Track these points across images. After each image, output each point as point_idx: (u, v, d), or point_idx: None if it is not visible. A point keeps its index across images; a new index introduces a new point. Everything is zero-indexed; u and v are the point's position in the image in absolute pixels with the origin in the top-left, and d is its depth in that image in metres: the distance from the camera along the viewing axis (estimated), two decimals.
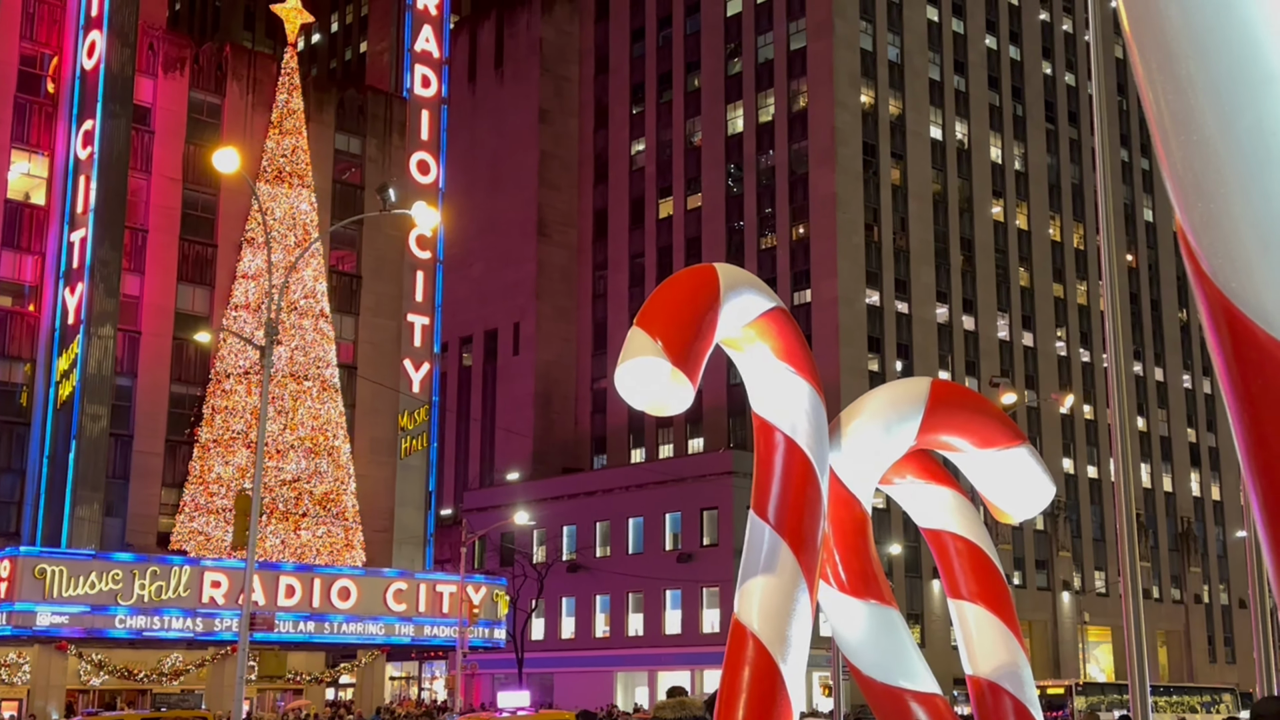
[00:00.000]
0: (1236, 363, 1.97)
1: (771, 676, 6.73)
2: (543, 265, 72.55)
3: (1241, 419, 2.03)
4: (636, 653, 57.60)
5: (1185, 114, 1.86)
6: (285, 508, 40.25)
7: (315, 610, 38.50)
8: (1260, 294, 1.87)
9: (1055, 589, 65.53)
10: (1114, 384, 15.77)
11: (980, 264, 67.21)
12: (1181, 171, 1.92)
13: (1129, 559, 16.75)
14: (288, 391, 41.04)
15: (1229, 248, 1.88)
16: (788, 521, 7.16)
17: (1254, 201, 1.82)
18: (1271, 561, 2.11)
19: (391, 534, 46.12)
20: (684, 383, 6.62)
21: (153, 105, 43.77)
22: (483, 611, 42.53)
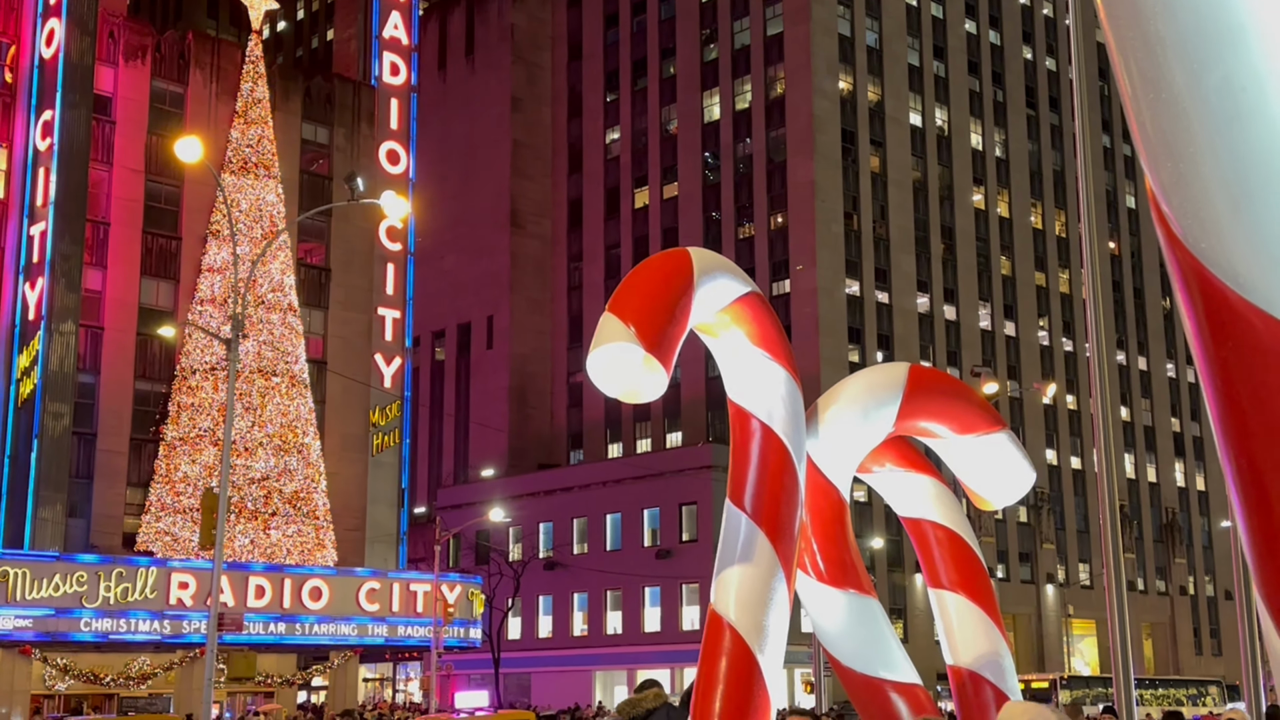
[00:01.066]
0: (1208, 325, 1.99)
1: (749, 667, 6.76)
2: (516, 257, 72.43)
3: (1213, 382, 2.05)
4: (615, 651, 57.64)
5: (1154, 72, 1.87)
6: (254, 507, 40.09)
7: (286, 611, 38.37)
8: (1230, 255, 1.89)
9: (1039, 582, 65.90)
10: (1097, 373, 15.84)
11: (961, 252, 67.45)
12: (1151, 131, 1.93)
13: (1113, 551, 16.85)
14: (255, 388, 40.85)
15: (1198, 208, 1.89)
16: (765, 510, 7.19)
17: (1222, 160, 1.83)
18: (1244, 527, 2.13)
19: (364, 532, 46.00)
20: (657, 370, 6.63)
21: (114, 95, 43.45)
22: (458, 611, 42.46)
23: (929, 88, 68.16)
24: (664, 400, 65.22)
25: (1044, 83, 74.27)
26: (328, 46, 74.14)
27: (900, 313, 63.84)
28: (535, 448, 70.37)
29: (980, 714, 7.81)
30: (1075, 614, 67.24)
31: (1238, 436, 2.04)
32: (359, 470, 46.32)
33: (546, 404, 72.08)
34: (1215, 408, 2.10)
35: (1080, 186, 15.96)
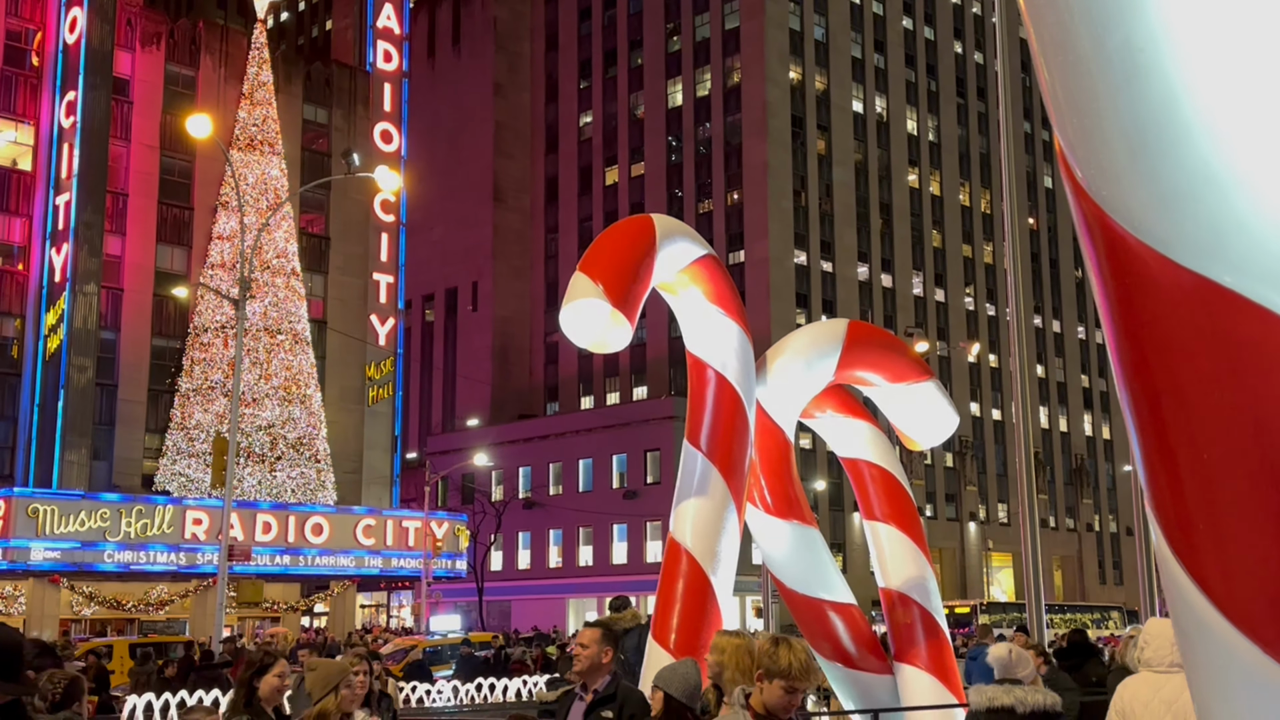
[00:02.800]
0: (1108, 265, 1.99)
1: (703, 588, 6.81)
2: (498, 228, 72.03)
3: (1112, 318, 2.05)
4: (586, 581, 57.90)
5: (1062, 36, 1.86)
6: (261, 451, 39.89)
7: (290, 545, 38.28)
8: (1128, 199, 1.88)
9: (963, 519, 66.58)
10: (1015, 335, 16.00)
11: (897, 227, 67.55)
12: (1058, 90, 1.92)
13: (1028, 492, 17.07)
14: (262, 344, 40.55)
15: (1100, 158, 1.88)
16: (718, 449, 7.22)
17: (1122, 114, 1.83)
18: (1139, 451, 2.12)
19: (360, 475, 45.90)
20: (623, 323, 6.62)
21: (131, 77, 42.79)
22: (445, 545, 42.49)
23: (870, 78, 68.00)
24: (631, 357, 65.23)
25: (972, 74, 74.24)
26: (326, 35, 73.15)
27: (842, 280, 63.96)
28: (515, 400, 70.30)
29: (908, 630, 7.91)
30: (994, 548, 68.04)
31: (1133, 366, 2.04)
32: (356, 419, 46.15)
33: (525, 361, 71.94)
34: (1114, 341, 2.10)
35: (1003, 168, 16.06)
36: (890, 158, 67.99)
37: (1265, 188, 1.80)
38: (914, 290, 67.76)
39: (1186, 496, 1.96)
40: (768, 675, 3.88)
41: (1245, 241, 1.80)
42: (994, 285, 71.70)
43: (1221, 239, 1.81)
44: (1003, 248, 68.70)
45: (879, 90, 68.37)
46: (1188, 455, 1.94)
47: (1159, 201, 1.84)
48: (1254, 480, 1.88)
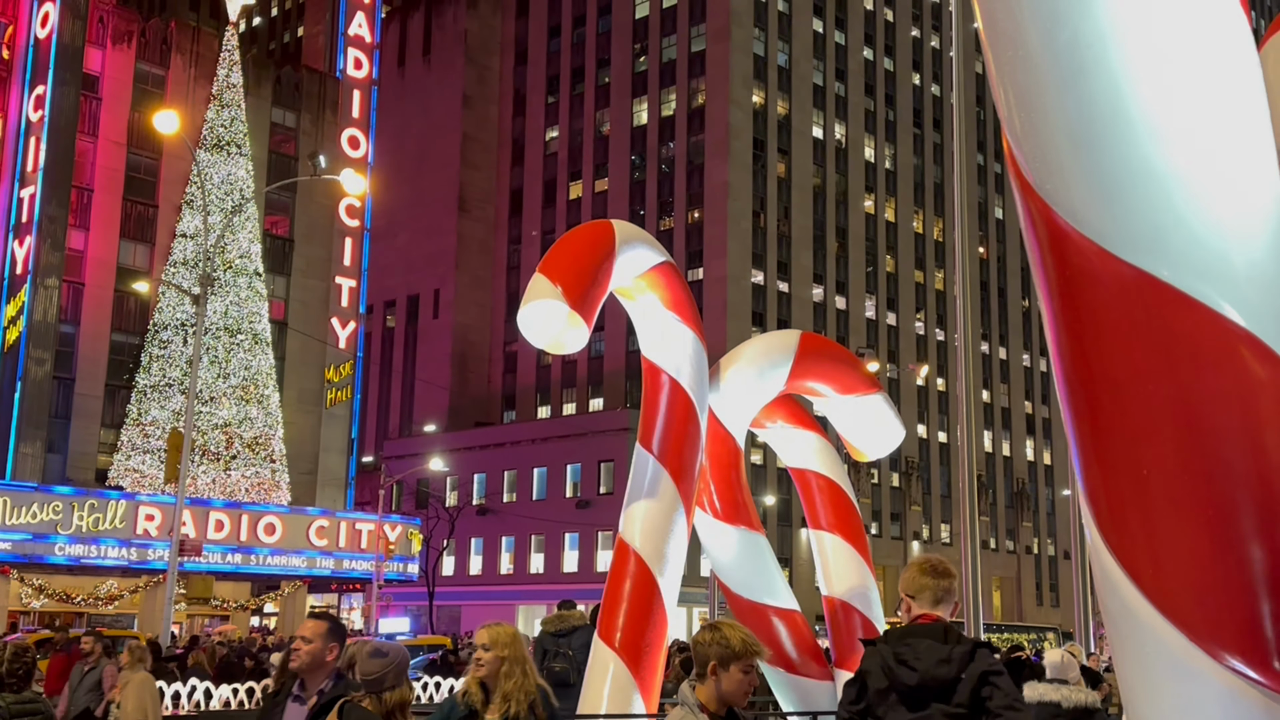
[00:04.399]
0: (1051, 259, 2.01)
1: (650, 588, 6.79)
2: (462, 238, 71.79)
3: (1052, 311, 2.07)
4: (537, 588, 57.64)
5: (1013, 31, 1.88)
6: (216, 450, 39.41)
7: (242, 544, 37.81)
8: (1071, 194, 1.91)
9: (906, 538, 67.00)
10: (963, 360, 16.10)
11: (852, 250, 68.05)
12: (1008, 85, 1.94)
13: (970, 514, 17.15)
14: (221, 343, 40.09)
15: (1045, 152, 1.91)
16: (669, 453, 7.21)
17: (1068, 109, 1.85)
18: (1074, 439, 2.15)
19: (316, 477, 45.48)
20: (580, 325, 6.61)
21: (101, 74, 42.30)
22: (398, 548, 42.16)
23: (830, 105, 68.55)
24: (588, 368, 65.18)
25: (929, 106, 75.04)
26: (298, 41, 72.71)
27: (798, 301, 64.32)
28: (473, 407, 69.98)
29: (849, 637, 7.93)
30: None
31: (1071, 358, 2.06)
32: (313, 421, 45.73)
33: (484, 369, 71.67)
34: (1053, 334, 2.12)
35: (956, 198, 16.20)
36: (848, 183, 68.53)
37: (1204, 185, 1.83)
38: (867, 313, 68.25)
39: (1119, 488, 1.98)
40: (722, 663, 3.84)
41: (1183, 237, 1.83)
42: (944, 311, 72.37)
43: (1160, 234, 1.83)
44: (953, 275, 69.41)
45: (839, 117, 68.94)
46: (1121, 447, 1.96)
47: (1101, 196, 1.86)
48: (1185, 472, 1.90)
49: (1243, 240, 1.85)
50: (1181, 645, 1.93)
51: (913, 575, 4.41)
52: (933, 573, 4.40)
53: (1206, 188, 1.84)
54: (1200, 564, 1.93)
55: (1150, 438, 1.96)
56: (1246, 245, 1.85)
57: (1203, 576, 1.92)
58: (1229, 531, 1.88)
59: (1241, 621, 1.88)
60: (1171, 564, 1.96)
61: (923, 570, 4.41)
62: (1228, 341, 1.84)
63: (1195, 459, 1.92)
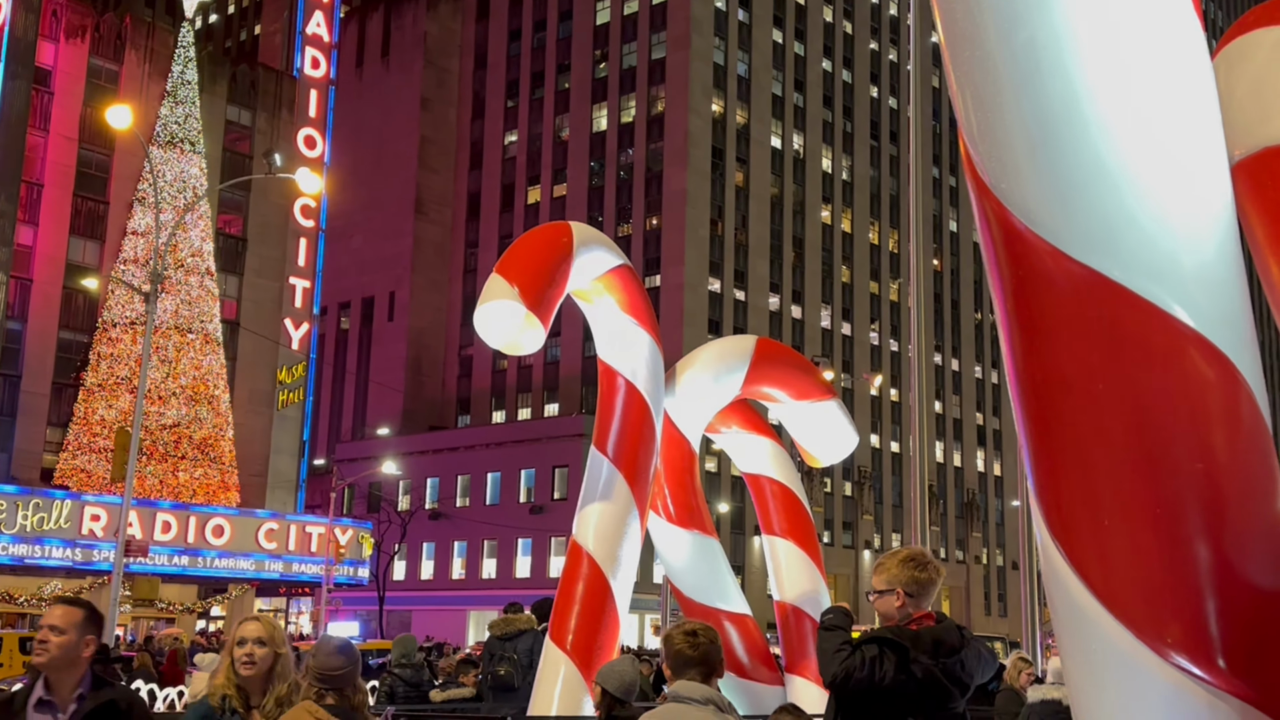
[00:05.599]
0: (1005, 258, 2.03)
1: (602, 590, 6.78)
2: (419, 240, 71.42)
3: (1005, 310, 2.09)
4: (489, 594, 57.35)
5: (972, 32, 1.90)
6: (165, 450, 38.88)
7: (190, 545, 37.32)
8: (1025, 194, 1.93)
9: (858, 547, 67.43)
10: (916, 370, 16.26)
11: (809, 260, 68.46)
12: (966, 86, 1.96)
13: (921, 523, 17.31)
14: (172, 342, 39.59)
15: (1001, 151, 1.93)
16: (624, 456, 7.21)
17: (1024, 109, 1.87)
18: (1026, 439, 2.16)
19: (266, 479, 44.99)
20: (536, 326, 6.59)
21: (53, 68, 41.67)
22: (348, 552, 41.79)
23: (789, 115, 68.97)
24: (544, 374, 65.03)
25: (886, 119, 75.71)
26: (255, 39, 72.04)
27: (754, 309, 64.59)
28: (427, 411, 69.59)
29: (800, 642, 7.96)
30: None
31: (1023, 357, 2.08)
32: (264, 422, 45.25)
33: (439, 373, 71.30)
34: (1006, 333, 2.14)
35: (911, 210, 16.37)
36: (805, 193, 68.95)
37: (1156, 187, 1.86)
38: (822, 322, 68.67)
39: (1068, 486, 2.00)
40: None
41: (1135, 237, 1.86)
42: (898, 322, 72.98)
43: (1113, 234, 1.86)
44: (907, 286, 70.01)
45: (797, 128, 69.37)
46: (1070, 445, 1.98)
47: (1055, 196, 1.89)
48: (1133, 471, 1.93)
49: (1193, 242, 1.88)
50: (1128, 642, 1.95)
51: (912, 574, 4.25)
52: (936, 572, 4.33)
53: (1159, 190, 1.87)
54: (1147, 562, 1.95)
55: (1099, 436, 1.98)
56: (1196, 247, 1.88)
57: (1149, 574, 1.95)
58: (1175, 530, 1.91)
59: (1187, 619, 1.90)
60: (1119, 561, 1.99)
61: (923, 566, 4.29)
62: (1177, 342, 1.87)
63: (1143, 457, 1.94)
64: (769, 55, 68.16)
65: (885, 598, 4.32)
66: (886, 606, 4.34)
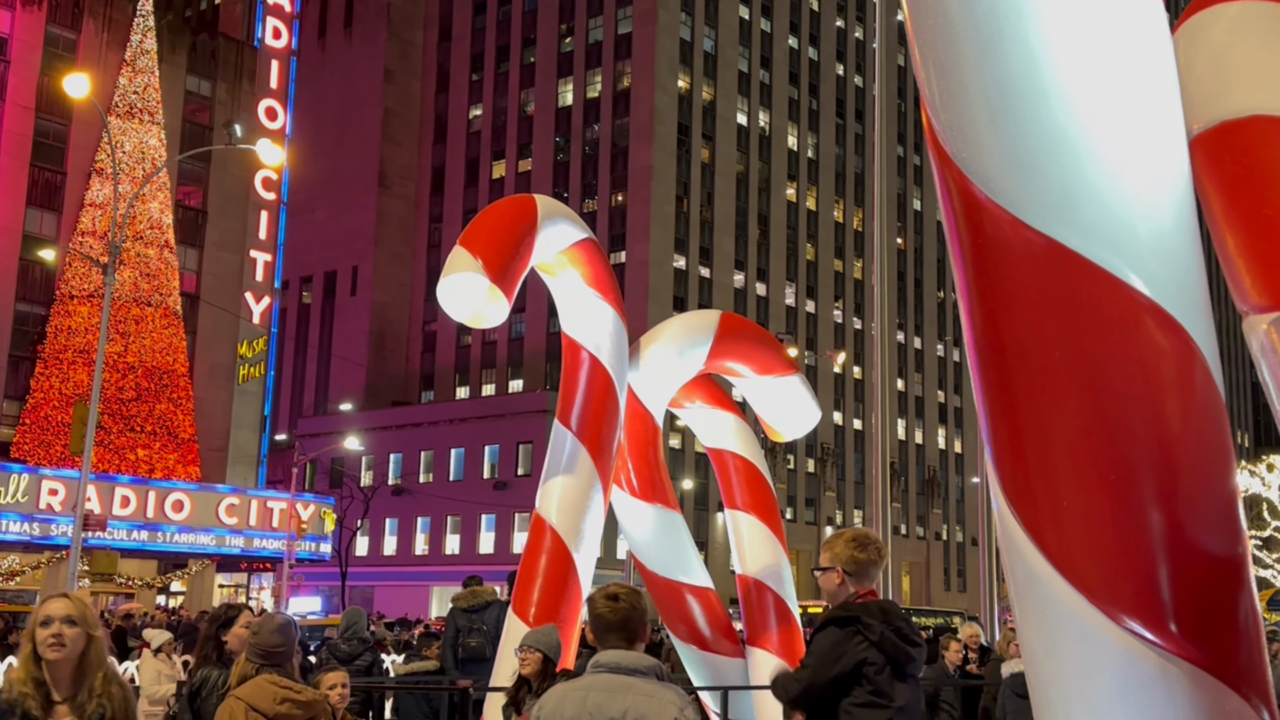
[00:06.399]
0: (965, 228, 2.04)
1: (565, 563, 6.79)
2: (382, 214, 70.89)
3: (965, 279, 2.10)
4: (452, 569, 57.29)
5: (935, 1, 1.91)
6: (124, 424, 38.50)
7: (149, 520, 37.02)
8: (986, 163, 1.94)
9: (820, 524, 67.93)
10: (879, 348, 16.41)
11: (774, 238, 68.60)
12: (928, 53, 1.97)
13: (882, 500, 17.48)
14: (131, 315, 39.13)
15: (962, 121, 1.94)
16: (588, 430, 7.20)
17: (986, 78, 1.88)
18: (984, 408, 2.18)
19: (226, 454, 44.64)
20: (500, 298, 6.55)
21: (10, 36, 40.88)
22: (310, 527, 41.60)
23: (755, 92, 68.92)
24: (508, 350, 64.88)
25: (851, 97, 75.84)
26: (215, 9, 70.96)
27: (719, 286, 64.68)
28: (390, 386, 69.27)
29: (762, 616, 8.02)
30: None
31: (982, 325, 2.10)
32: (225, 397, 44.87)
33: (403, 348, 70.95)
34: (965, 302, 2.15)
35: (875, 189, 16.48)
36: (770, 171, 69.01)
37: (1114, 157, 1.88)
38: (786, 300, 68.88)
39: (1025, 453, 2.02)
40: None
41: (1093, 206, 1.88)
42: (861, 300, 73.34)
43: (1071, 203, 1.88)
44: (871, 265, 70.28)
45: (763, 105, 69.35)
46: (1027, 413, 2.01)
47: (1015, 165, 1.90)
48: (1087, 439, 1.96)
49: (1150, 213, 1.91)
50: (1081, 607, 1.98)
51: (851, 553, 4.52)
52: (878, 554, 4.56)
53: (1117, 160, 1.89)
54: (1101, 527, 1.98)
55: (1055, 404, 2.01)
56: (1153, 218, 1.90)
57: (1103, 540, 1.97)
58: (1129, 496, 1.94)
59: (1139, 584, 1.93)
60: (1073, 527, 2.02)
61: (864, 547, 4.53)
62: (1132, 310, 1.89)
63: (1098, 425, 1.97)
64: (735, 31, 68.02)
65: (827, 574, 4.62)
66: (828, 583, 4.61)
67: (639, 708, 3.33)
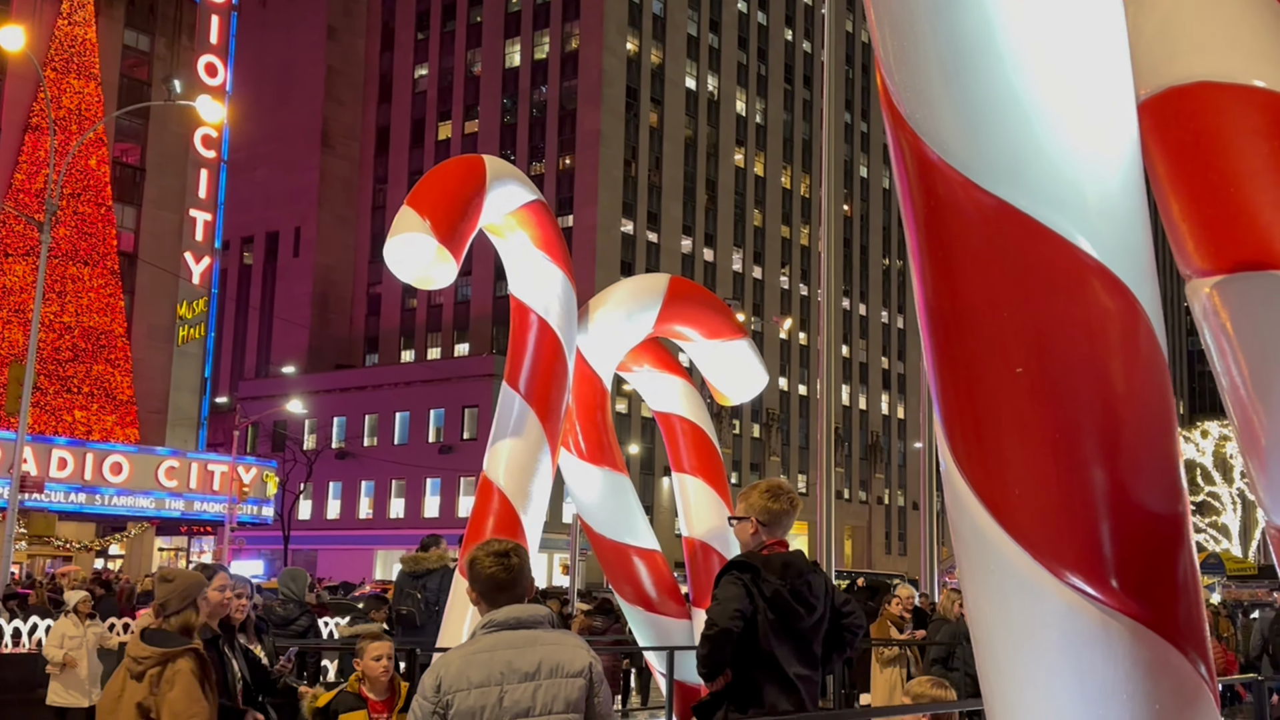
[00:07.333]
0: (917, 188, 2.05)
1: (513, 525, 6.79)
2: (325, 175, 69.92)
3: (916, 240, 2.12)
4: (397, 533, 57.16)
5: None
6: (60, 385, 37.81)
7: (87, 483, 36.44)
8: (938, 124, 1.95)
9: None
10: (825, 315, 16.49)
11: (721, 203, 68.64)
12: (882, 12, 1.97)
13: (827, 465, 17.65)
14: (68, 274, 38.34)
15: (916, 82, 1.94)
16: (536, 392, 7.20)
17: (940, 38, 1.89)
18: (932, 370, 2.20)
19: (166, 416, 44.02)
20: (449, 260, 6.51)
21: None
22: (252, 491, 41.20)
23: (704, 56, 68.69)
24: (454, 313, 64.48)
25: (800, 63, 75.84)
26: None
27: (666, 252, 64.66)
28: (334, 349, 68.61)
29: (708, 577, 8.09)
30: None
31: (932, 286, 2.11)
32: (164, 359, 44.17)
33: (347, 311, 70.24)
34: (917, 263, 2.17)
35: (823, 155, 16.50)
36: (719, 136, 68.93)
37: (1064, 119, 1.90)
38: (734, 266, 69.05)
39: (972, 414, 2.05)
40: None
41: (1042, 169, 1.90)
42: (808, 267, 73.71)
43: (1020, 165, 1.89)
44: (818, 231, 70.61)
45: (712, 69, 69.15)
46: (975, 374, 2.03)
47: (967, 126, 1.92)
48: (1033, 398, 1.98)
49: (1098, 175, 1.93)
50: (1026, 563, 2.02)
51: (765, 503, 4.59)
52: (790, 504, 4.62)
53: (1066, 121, 1.91)
54: (1045, 485, 2.01)
55: (1002, 364, 2.03)
56: (1101, 180, 1.92)
57: (1047, 498, 2.00)
58: (1073, 455, 1.96)
59: (1082, 541, 1.97)
60: (1018, 485, 2.04)
61: (777, 497, 4.60)
62: (1079, 272, 1.91)
63: (1043, 384, 1.99)
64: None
65: (742, 524, 4.72)
66: (742, 533, 4.72)
67: (553, 657, 3.32)
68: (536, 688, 3.31)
